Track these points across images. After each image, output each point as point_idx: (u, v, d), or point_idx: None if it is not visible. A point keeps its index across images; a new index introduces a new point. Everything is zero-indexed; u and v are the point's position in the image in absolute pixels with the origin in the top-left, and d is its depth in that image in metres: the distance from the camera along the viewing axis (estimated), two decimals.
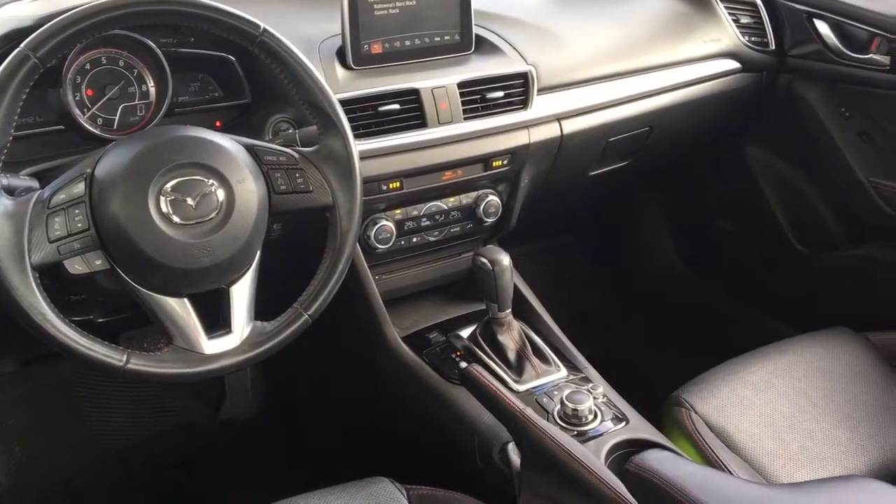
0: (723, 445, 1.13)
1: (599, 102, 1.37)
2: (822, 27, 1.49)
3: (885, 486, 0.81)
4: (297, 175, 0.93)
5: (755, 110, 1.63)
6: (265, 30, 0.92)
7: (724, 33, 1.53)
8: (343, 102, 1.07)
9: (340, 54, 1.17)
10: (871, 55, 1.45)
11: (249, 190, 0.88)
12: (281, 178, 0.92)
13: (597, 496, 0.88)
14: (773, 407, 1.20)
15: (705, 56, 1.50)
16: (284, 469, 1.55)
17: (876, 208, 1.46)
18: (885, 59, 1.43)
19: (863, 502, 0.76)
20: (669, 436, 1.18)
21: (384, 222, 1.20)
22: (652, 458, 0.81)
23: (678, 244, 1.95)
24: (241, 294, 0.91)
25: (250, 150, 0.92)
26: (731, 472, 1.04)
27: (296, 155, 0.95)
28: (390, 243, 1.22)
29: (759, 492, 0.78)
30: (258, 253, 0.92)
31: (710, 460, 1.09)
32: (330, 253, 0.95)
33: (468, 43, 1.25)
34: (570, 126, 1.34)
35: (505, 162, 1.27)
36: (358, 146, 1.08)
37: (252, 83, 1.10)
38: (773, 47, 1.56)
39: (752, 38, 1.55)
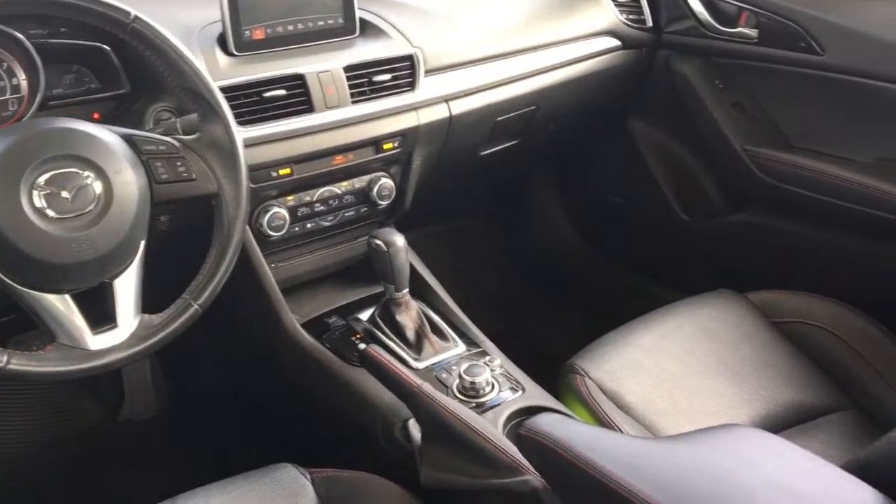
0: (615, 407, 1.18)
1: (486, 83, 1.40)
2: (695, 3, 1.56)
3: (760, 432, 0.87)
4: (179, 164, 0.92)
5: (637, 86, 1.69)
6: (136, 17, 0.90)
7: (602, 12, 1.58)
8: (226, 89, 1.06)
9: (221, 41, 1.16)
10: (740, 29, 1.52)
11: (128, 180, 0.87)
12: (162, 168, 0.90)
13: (494, 462, 0.91)
14: (662, 368, 1.26)
15: (586, 35, 1.54)
16: (189, 464, 1.53)
17: (751, 175, 1.54)
18: (753, 33, 1.51)
19: (737, 446, 0.81)
20: (566, 402, 1.23)
21: (276, 209, 1.20)
22: (543, 422, 0.84)
23: (573, 219, 2.01)
24: (126, 287, 0.89)
25: (128, 139, 0.90)
26: (621, 431, 1.09)
27: (176, 143, 0.93)
28: (284, 230, 1.21)
29: (642, 445, 0.82)
30: (142, 244, 0.91)
31: (603, 422, 1.14)
32: (218, 241, 0.94)
33: (352, 26, 1.26)
34: (458, 107, 1.36)
35: (395, 144, 1.29)
36: (244, 133, 1.08)
37: (129, 73, 1.08)
38: (651, 24, 1.62)
39: (630, 16, 1.61)
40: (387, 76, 1.24)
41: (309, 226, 1.27)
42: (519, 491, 0.88)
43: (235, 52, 1.15)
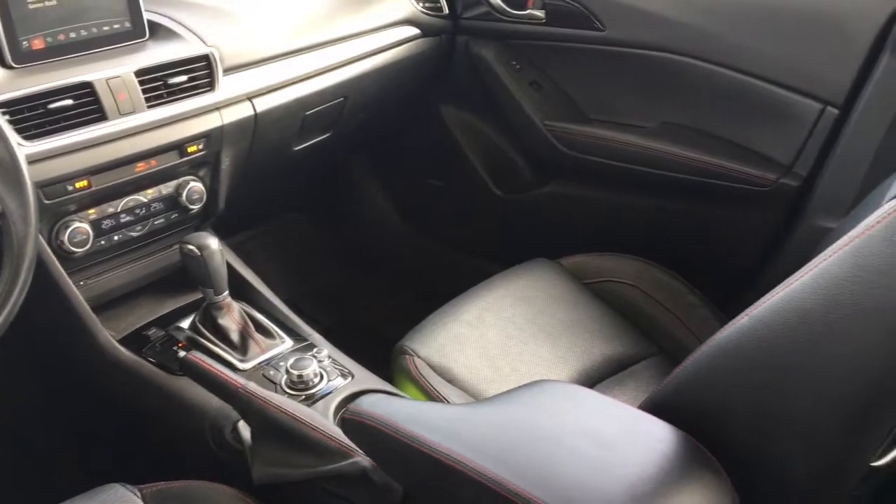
0: (444, 381, 1.23)
1: (289, 78, 1.40)
2: None
3: (565, 384, 0.94)
4: None
5: (442, 72, 1.74)
6: None
7: (400, 2, 1.62)
8: (4, 104, 1.01)
9: None
10: (529, 11, 1.61)
11: None
12: None
13: (323, 450, 0.93)
14: (486, 339, 1.32)
15: (385, 25, 1.58)
16: (13, 490, 1.44)
17: (554, 149, 1.64)
18: (541, 14, 1.59)
19: (544, 399, 0.87)
20: (399, 383, 1.26)
21: (77, 224, 1.15)
22: (365, 403, 0.87)
23: (396, 205, 2.04)
24: None
25: None
26: (449, 403, 1.13)
27: None
28: (88, 245, 1.16)
29: (461, 411, 0.87)
30: None
31: (432, 397, 1.18)
32: (9, 262, 0.90)
33: (141, 30, 1.22)
34: (263, 104, 1.35)
35: (200, 146, 1.26)
36: (31, 148, 1.03)
37: None
38: (447, 11, 1.68)
39: (427, 5, 1.66)
40: (183, 78, 1.21)
41: (116, 238, 1.22)
42: (349, 473, 0.90)
43: (14, 65, 1.09)
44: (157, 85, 1.19)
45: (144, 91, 1.17)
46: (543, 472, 0.75)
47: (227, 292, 1.19)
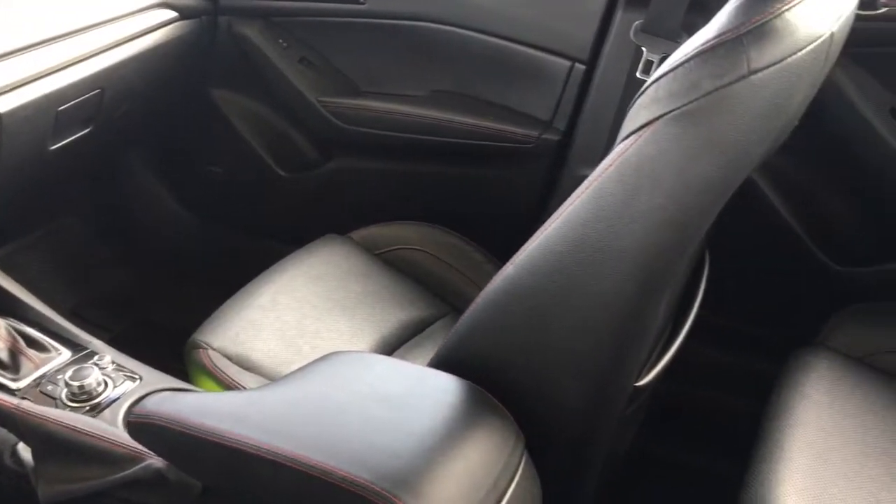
0: (242, 370, 1.21)
1: (35, 73, 1.29)
2: None
3: (353, 353, 0.96)
4: None
5: (208, 55, 1.69)
6: None
7: None
8: None
9: None
10: None
11: None
12: None
13: (112, 458, 0.89)
14: (282, 321, 1.31)
15: (138, 9, 1.49)
16: None
17: (330, 124, 1.64)
18: None
19: (333, 370, 0.89)
20: (195, 378, 1.23)
21: None
22: (149, 403, 0.85)
23: (180, 197, 1.97)
24: None
25: None
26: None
27: None
28: None
29: (253, 395, 0.86)
30: None
31: (230, 387, 1.16)
32: None
33: None
34: (7, 103, 1.24)
35: None
36: None
37: None
38: None
39: None
40: None
41: None
42: (143, 477, 0.87)
43: None
44: None
45: None
46: (335, 440, 0.77)
47: None
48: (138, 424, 0.82)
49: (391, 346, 1.34)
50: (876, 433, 1.10)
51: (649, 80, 0.77)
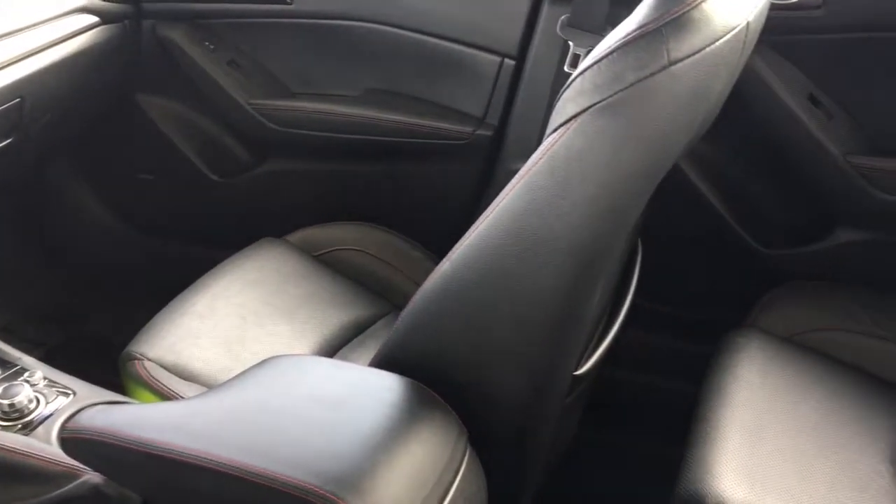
0: (180, 380, 1.19)
1: None
2: None
3: (292, 357, 0.95)
4: None
5: (133, 60, 1.65)
6: None
7: None
8: None
9: None
10: None
11: None
12: None
13: (46, 477, 0.87)
14: (220, 328, 1.29)
15: (56, 15, 1.45)
16: None
17: (262, 126, 1.62)
18: None
19: (273, 375, 0.88)
20: (131, 391, 1.20)
21: None
22: (83, 417, 0.83)
23: (111, 206, 1.92)
24: None
25: None
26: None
27: None
28: None
29: (192, 404, 0.85)
30: None
31: (167, 398, 1.14)
32: None
33: None
34: None
35: None
36: None
37: None
38: None
39: None
40: None
41: None
42: (80, 494, 0.85)
43: None
44: None
45: None
46: (276, 445, 0.76)
47: None
48: (73, 440, 0.80)
49: (333, 348, 1.33)
50: (806, 409, 1.14)
51: (575, 73, 0.79)
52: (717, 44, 0.76)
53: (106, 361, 1.28)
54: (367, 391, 0.85)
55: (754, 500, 0.99)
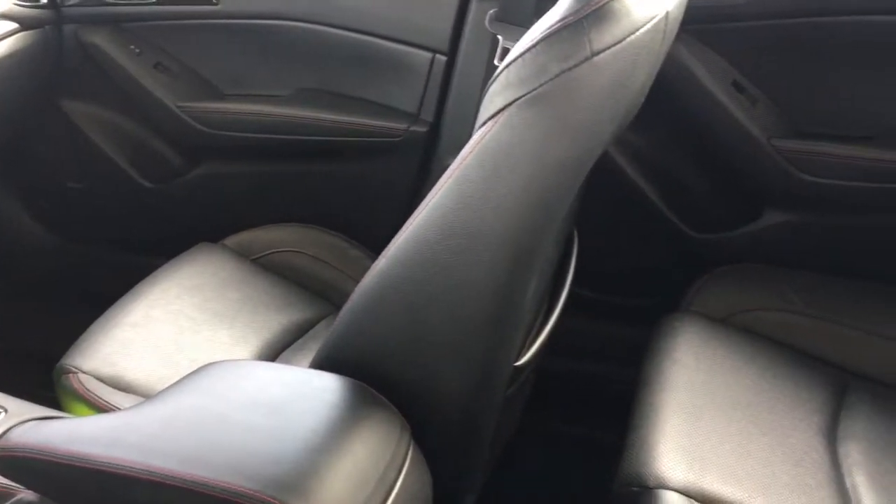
0: (116, 391, 1.17)
1: None
2: None
3: (229, 363, 0.94)
4: None
5: (55, 66, 1.60)
6: None
7: None
8: None
9: None
10: None
11: None
12: None
13: None
14: (157, 337, 1.27)
15: None
16: None
17: (193, 130, 1.59)
18: None
19: (210, 382, 0.86)
20: (66, 405, 1.17)
21: None
22: (14, 435, 0.80)
23: (39, 217, 1.87)
24: None
25: None
26: None
27: None
28: None
29: (128, 416, 0.83)
30: None
31: (104, 410, 1.12)
32: None
33: None
34: None
35: None
36: None
37: None
38: (46, 1, 1.54)
39: None
40: None
41: None
42: None
43: None
44: None
45: None
46: (215, 452, 0.75)
47: None
48: (5, 458, 0.78)
49: (275, 351, 1.32)
50: (740, 388, 1.17)
51: (501, 67, 0.79)
52: (638, 34, 0.77)
53: (38, 376, 1.24)
54: (307, 393, 0.85)
55: (694, 479, 1.01)
